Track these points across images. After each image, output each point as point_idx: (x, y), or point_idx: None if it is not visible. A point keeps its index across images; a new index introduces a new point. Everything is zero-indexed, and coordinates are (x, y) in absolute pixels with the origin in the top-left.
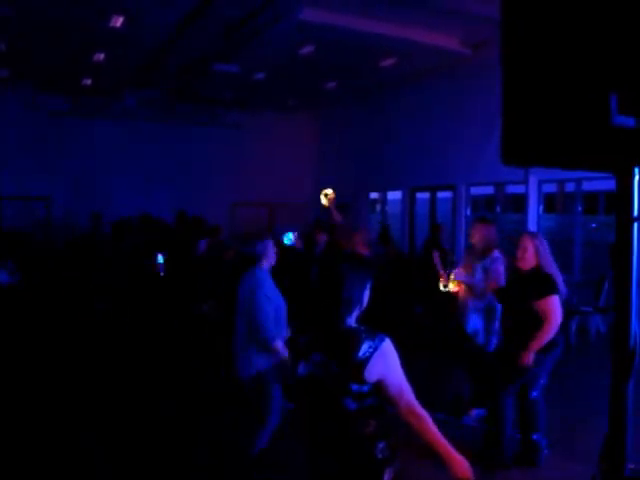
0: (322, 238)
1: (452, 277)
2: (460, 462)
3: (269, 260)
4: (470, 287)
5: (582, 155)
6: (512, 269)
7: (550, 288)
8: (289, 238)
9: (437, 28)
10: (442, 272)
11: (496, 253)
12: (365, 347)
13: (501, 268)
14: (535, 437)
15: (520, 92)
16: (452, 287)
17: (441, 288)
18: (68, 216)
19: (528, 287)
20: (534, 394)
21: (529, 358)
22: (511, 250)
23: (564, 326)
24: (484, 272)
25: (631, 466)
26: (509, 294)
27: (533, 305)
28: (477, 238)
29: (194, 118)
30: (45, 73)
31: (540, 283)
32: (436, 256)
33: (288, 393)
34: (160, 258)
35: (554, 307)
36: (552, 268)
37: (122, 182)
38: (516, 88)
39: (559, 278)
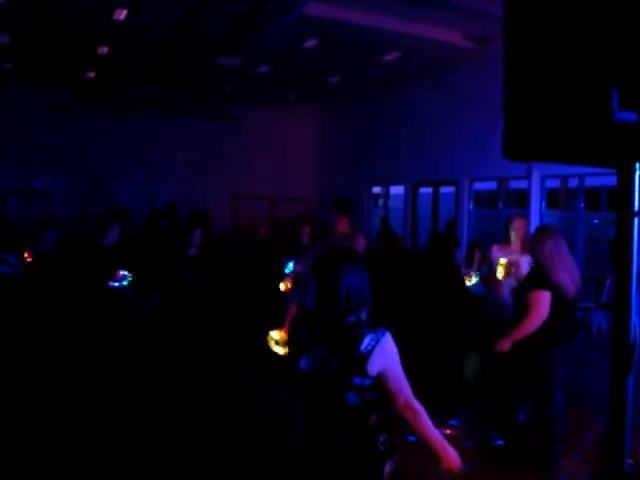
0: (306, 231)
1: (502, 261)
2: (452, 454)
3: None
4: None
5: (583, 150)
6: None
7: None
8: (289, 268)
9: (441, 23)
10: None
11: None
12: (367, 340)
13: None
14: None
15: (522, 87)
16: (501, 273)
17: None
18: (71, 210)
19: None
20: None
21: (503, 345)
22: None
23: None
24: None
25: (631, 461)
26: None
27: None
28: (521, 233)
29: (196, 112)
30: (48, 67)
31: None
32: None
33: None
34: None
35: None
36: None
37: (124, 176)
38: (518, 83)
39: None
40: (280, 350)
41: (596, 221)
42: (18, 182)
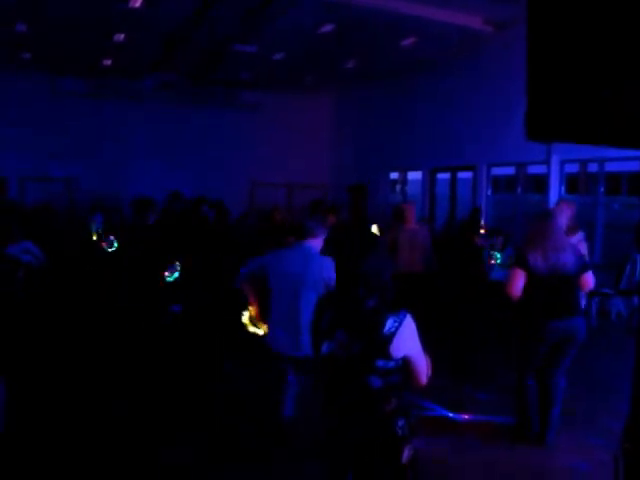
0: (331, 220)
1: None
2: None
3: None
4: None
5: (608, 130)
6: None
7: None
8: None
9: (459, 7)
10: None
11: (580, 234)
12: (390, 323)
13: (585, 248)
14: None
15: (545, 66)
16: None
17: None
18: (90, 197)
19: None
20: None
21: None
22: None
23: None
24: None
25: None
26: None
27: None
28: (564, 217)
29: (213, 99)
30: (65, 55)
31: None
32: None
33: None
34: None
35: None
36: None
37: (142, 163)
38: (541, 62)
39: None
40: (257, 330)
41: (616, 206)
42: (37, 169)
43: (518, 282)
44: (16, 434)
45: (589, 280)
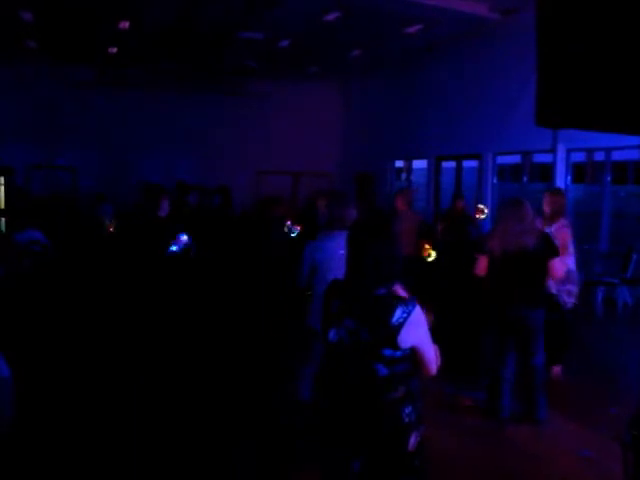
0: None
1: None
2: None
3: None
4: None
5: (618, 117)
6: None
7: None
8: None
9: None
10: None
11: (563, 220)
12: (399, 313)
13: (567, 233)
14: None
15: (555, 55)
16: None
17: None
18: (94, 186)
19: None
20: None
21: None
22: None
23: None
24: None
25: None
26: None
27: None
28: (546, 206)
29: (219, 87)
30: (71, 43)
31: None
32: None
33: None
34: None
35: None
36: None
37: (148, 152)
38: (551, 51)
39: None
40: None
41: (622, 194)
42: (42, 158)
43: (480, 264)
44: (19, 433)
45: (555, 267)
